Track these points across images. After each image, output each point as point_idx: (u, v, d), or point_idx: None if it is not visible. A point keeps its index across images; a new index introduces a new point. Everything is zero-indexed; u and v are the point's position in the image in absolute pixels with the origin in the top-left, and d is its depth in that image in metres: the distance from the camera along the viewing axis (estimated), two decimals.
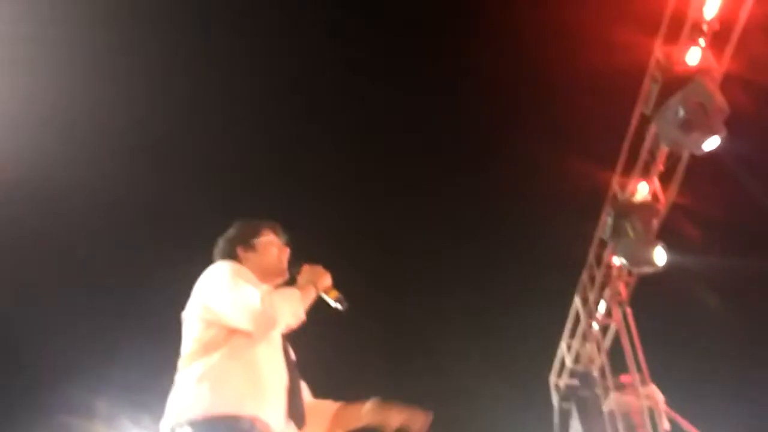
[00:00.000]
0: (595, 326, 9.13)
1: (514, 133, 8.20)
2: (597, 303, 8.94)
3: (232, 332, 2.56)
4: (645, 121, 6.86)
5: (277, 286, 2.81)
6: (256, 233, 2.99)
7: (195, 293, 2.73)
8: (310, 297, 2.76)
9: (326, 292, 2.84)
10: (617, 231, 7.57)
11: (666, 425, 7.98)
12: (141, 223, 9.38)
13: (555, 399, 10.17)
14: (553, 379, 10.41)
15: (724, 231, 7.94)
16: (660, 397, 8.16)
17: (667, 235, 7.12)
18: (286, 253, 2.99)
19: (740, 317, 8.72)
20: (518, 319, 9.86)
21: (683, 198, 7.09)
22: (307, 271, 2.86)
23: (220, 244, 3.00)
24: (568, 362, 9.80)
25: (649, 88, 6.52)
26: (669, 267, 7.19)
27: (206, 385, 2.46)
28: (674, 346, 9.17)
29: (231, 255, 2.91)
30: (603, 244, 8.16)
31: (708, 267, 8.01)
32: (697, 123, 6.08)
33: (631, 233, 7.39)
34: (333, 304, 2.85)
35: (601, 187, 7.67)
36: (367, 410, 2.86)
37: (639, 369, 8.23)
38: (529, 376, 10.76)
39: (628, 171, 7.42)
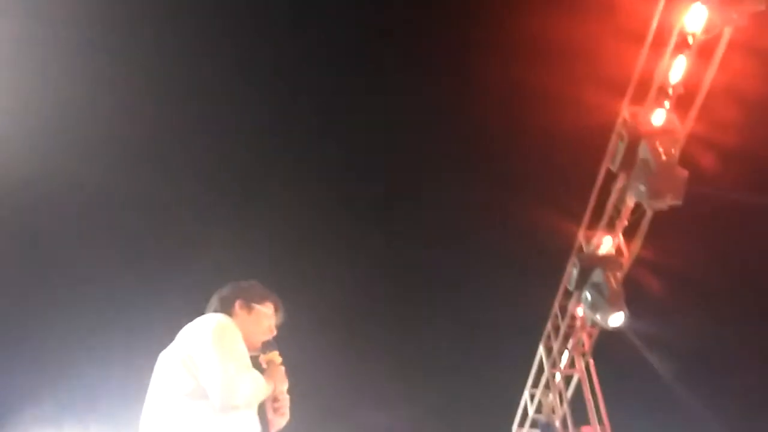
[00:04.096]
0: (558, 377, 9.21)
1: (485, 185, 8.35)
2: (561, 353, 9.04)
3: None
4: (611, 177, 7.07)
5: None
6: (261, 300, 3.05)
7: (183, 339, 2.76)
8: (268, 393, 2.83)
9: (278, 397, 2.89)
10: (581, 283, 7.73)
11: None
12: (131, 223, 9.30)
13: None
14: (515, 429, 10.42)
15: (686, 285, 8.13)
16: None
17: (630, 288, 7.25)
18: (273, 333, 3.05)
19: (701, 371, 8.87)
20: (483, 368, 9.87)
21: (646, 252, 7.26)
22: (272, 367, 2.92)
23: (226, 289, 3.07)
24: (531, 412, 9.83)
25: (616, 146, 6.75)
26: (631, 320, 7.34)
27: None
28: (636, 398, 9.27)
29: (227, 305, 2.98)
30: (568, 295, 8.29)
31: (669, 321, 8.18)
32: (660, 185, 6.40)
33: (593, 287, 7.54)
34: (271, 414, 2.88)
35: (568, 240, 7.84)
36: None
37: (600, 420, 8.29)
38: (492, 425, 10.74)
39: (594, 225, 7.60)
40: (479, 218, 8.83)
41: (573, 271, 7.80)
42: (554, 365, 9.13)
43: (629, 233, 7.35)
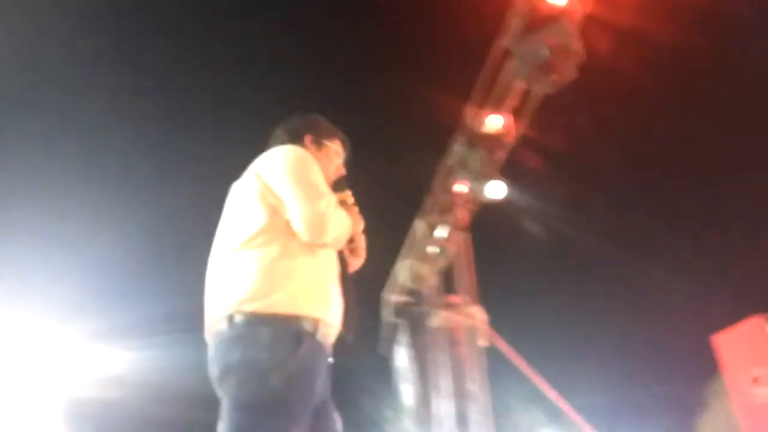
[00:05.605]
0: (434, 249, 9.38)
1: (377, 56, 8.03)
2: (437, 227, 9.15)
3: (289, 224, 2.48)
4: (506, 55, 6.89)
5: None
6: (330, 136, 2.88)
7: (259, 171, 2.59)
8: (350, 233, 2.71)
9: (354, 238, 2.79)
10: (465, 160, 7.74)
11: (485, 342, 8.47)
12: None
13: (387, 314, 10.46)
14: (386, 295, 10.67)
15: (568, 164, 8.35)
16: (483, 317, 8.60)
17: (512, 167, 7.34)
18: (342, 172, 2.91)
19: (570, 246, 9.33)
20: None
21: (533, 132, 7.30)
22: (346, 207, 2.77)
23: (293, 122, 2.86)
24: (405, 281, 10.05)
25: (513, 23, 6.54)
26: (510, 198, 7.51)
27: (272, 280, 2.40)
28: (507, 272, 9.68)
29: (297, 139, 2.80)
30: (451, 172, 8.28)
31: (547, 200, 8.44)
32: (555, 64, 6.27)
33: (477, 163, 7.60)
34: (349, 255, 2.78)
35: (455, 117, 7.72)
36: None
37: (468, 291, 8.61)
38: (365, 290, 10.93)
39: (482, 103, 7.48)
40: (373, 90, 8.55)
41: (456, 148, 7.77)
42: (430, 238, 9.27)
43: (517, 112, 7.31)
